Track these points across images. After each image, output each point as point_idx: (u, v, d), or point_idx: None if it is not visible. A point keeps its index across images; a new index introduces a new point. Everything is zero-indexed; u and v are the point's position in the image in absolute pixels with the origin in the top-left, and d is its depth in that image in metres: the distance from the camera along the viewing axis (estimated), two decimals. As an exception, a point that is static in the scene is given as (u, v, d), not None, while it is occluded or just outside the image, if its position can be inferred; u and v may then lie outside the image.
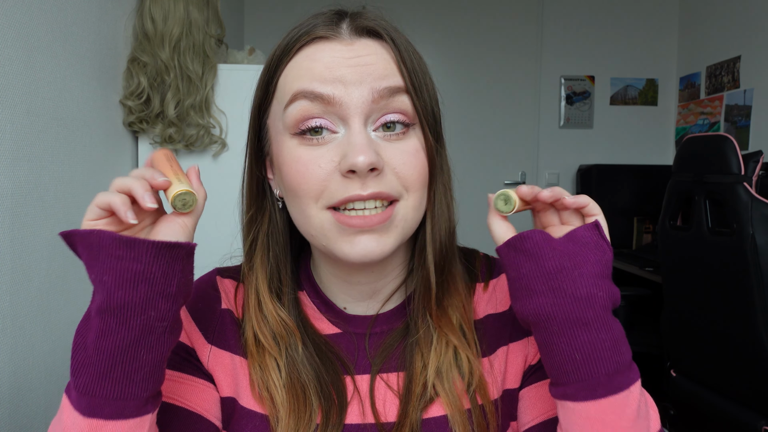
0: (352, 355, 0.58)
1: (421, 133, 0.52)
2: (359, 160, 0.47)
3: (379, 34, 0.52)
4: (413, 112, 0.51)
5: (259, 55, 1.79)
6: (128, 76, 1.45)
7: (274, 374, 0.55)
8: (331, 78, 0.49)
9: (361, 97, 0.49)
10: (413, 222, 0.53)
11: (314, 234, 0.52)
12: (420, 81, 0.52)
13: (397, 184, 0.50)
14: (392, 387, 0.56)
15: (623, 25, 3.40)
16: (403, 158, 0.50)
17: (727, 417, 1.64)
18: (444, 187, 0.55)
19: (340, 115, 0.49)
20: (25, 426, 1.03)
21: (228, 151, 1.57)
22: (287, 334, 0.56)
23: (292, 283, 0.59)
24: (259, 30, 3.19)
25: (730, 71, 2.89)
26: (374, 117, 0.50)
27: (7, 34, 0.97)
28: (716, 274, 1.62)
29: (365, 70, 0.50)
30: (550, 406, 0.55)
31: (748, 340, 1.52)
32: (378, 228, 0.49)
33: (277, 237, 0.59)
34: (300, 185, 0.50)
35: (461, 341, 0.55)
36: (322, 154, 0.49)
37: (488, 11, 3.36)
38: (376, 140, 0.50)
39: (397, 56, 0.51)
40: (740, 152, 1.55)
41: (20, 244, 1.02)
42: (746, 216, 1.49)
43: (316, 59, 0.50)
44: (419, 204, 0.52)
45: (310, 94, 0.49)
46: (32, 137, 1.05)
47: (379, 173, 0.49)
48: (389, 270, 0.58)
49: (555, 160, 3.44)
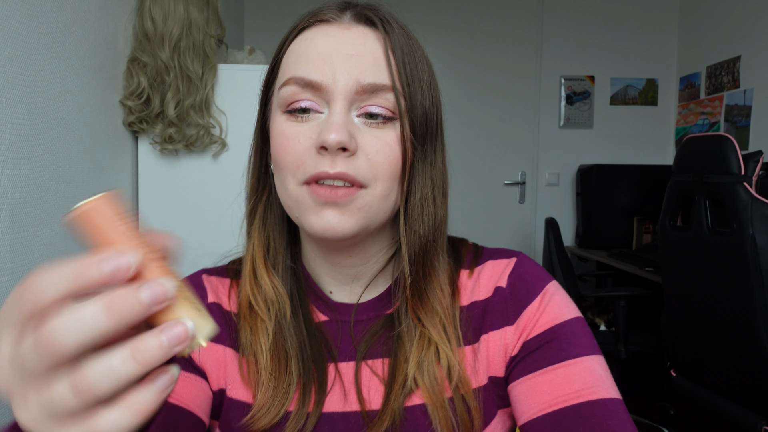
0: (338, 342, 0.59)
1: (400, 128, 0.53)
2: (330, 138, 0.48)
3: (375, 23, 0.53)
4: (396, 109, 0.52)
5: (259, 55, 1.79)
6: (128, 76, 1.45)
7: (262, 338, 0.56)
8: (323, 65, 0.51)
9: (346, 86, 0.51)
10: (379, 211, 0.53)
11: (290, 206, 0.54)
12: (411, 76, 0.53)
13: (367, 171, 0.51)
14: (377, 373, 0.57)
15: (623, 25, 3.40)
16: (377, 146, 0.51)
17: (727, 417, 1.64)
18: (432, 180, 0.56)
19: (326, 99, 0.52)
20: (25, 426, 1.03)
21: (228, 151, 1.57)
22: (278, 301, 0.58)
23: (288, 254, 0.61)
24: (259, 30, 3.19)
25: (730, 71, 2.89)
26: (357, 105, 0.52)
27: (7, 34, 0.97)
28: (716, 274, 1.62)
29: (354, 61, 0.51)
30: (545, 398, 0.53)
31: (748, 340, 1.52)
32: (342, 203, 0.50)
33: (274, 208, 0.60)
34: (281, 158, 0.52)
35: (441, 337, 0.56)
36: (304, 131, 0.52)
37: (488, 11, 3.36)
38: (357, 124, 0.52)
39: (387, 47, 0.52)
40: (740, 152, 1.56)
41: (20, 245, 1.02)
42: (746, 216, 1.49)
43: (312, 44, 0.53)
44: (386, 194, 0.53)
45: (300, 81, 0.52)
46: (32, 137, 1.05)
47: (351, 155, 0.50)
48: (371, 255, 0.59)
49: (555, 160, 3.44)
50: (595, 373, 0.52)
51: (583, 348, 0.54)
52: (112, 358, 0.25)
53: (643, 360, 2.46)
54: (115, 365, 0.24)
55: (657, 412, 2.34)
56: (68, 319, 0.24)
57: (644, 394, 2.55)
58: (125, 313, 0.25)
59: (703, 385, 1.77)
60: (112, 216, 0.27)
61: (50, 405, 0.25)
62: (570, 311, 0.57)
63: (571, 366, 0.53)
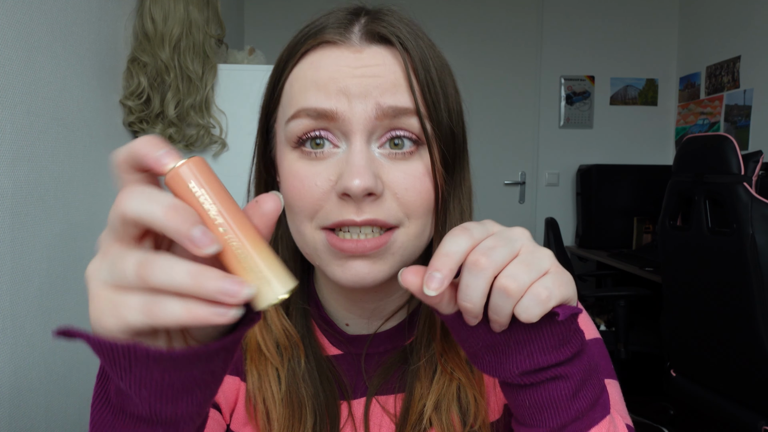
0: (353, 377, 0.55)
1: (428, 156, 0.47)
2: (354, 184, 0.43)
3: (392, 41, 0.47)
4: (422, 134, 0.47)
5: (259, 55, 1.79)
6: (128, 76, 1.45)
7: (273, 385, 0.52)
8: (335, 90, 0.45)
9: (364, 112, 0.45)
10: (414, 249, 0.49)
11: (308, 252, 0.49)
12: (436, 95, 0.47)
13: (397, 211, 0.46)
14: (389, 411, 0.54)
15: (623, 26, 3.40)
16: (406, 182, 0.46)
17: (727, 416, 1.64)
18: (462, 208, 0.51)
19: (342, 130, 0.46)
20: (25, 426, 1.03)
21: (228, 151, 1.57)
22: (291, 346, 0.53)
23: (301, 293, 0.56)
24: (259, 30, 3.19)
25: (730, 71, 2.89)
26: (378, 133, 0.46)
27: (7, 34, 0.97)
28: (716, 274, 1.62)
29: (371, 83, 0.45)
30: None
31: (748, 339, 1.53)
32: (372, 254, 0.46)
33: (285, 241, 0.55)
34: (296, 202, 0.47)
35: (468, 377, 0.52)
36: (320, 172, 0.46)
37: (488, 11, 3.36)
38: (379, 159, 0.46)
39: (408, 69, 0.46)
40: (740, 152, 1.56)
41: (20, 244, 1.02)
42: (746, 216, 1.49)
43: (320, 68, 0.47)
44: (421, 232, 0.48)
45: (312, 112, 0.46)
46: (32, 137, 1.05)
47: (377, 198, 0.45)
48: (394, 290, 0.55)
49: (555, 160, 3.44)
50: (611, 398, 0.49)
51: (601, 371, 0.50)
52: (177, 261, 0.28)
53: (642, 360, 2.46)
54: (175, 266, 0.28)
55: (657, 411, 2.35)
56: (138, 192, 0.28)
57: (644, 393, 2.55)
58: (180, 226, 0.28)
59: (702, 385, 1.77)
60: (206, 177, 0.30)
61: (114, 269, 0.29)
62: (589, 331, 0.54)
63: None
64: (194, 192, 0.29)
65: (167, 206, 0.28)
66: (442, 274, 0.36)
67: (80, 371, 1.25)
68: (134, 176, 0.30)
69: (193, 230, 0.27)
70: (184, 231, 0.27)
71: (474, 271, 0.36)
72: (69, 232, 1.19)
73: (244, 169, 0.60)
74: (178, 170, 0.29)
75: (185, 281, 0.27)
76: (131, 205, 0.28)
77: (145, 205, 0.28)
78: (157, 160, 0.29)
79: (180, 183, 0.29)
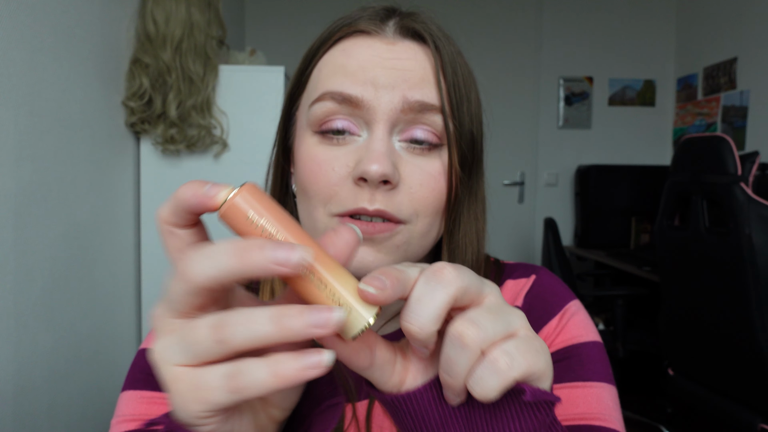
0: (357, 379, 0.53)
1: (447, 156, 0.47)
2: (372, 169, 0.42)
3: (424, 38, 0.48)
4: (444, 133, 0.47)
5: (260, 56, 1.79)
6: (130, 77, 1.46)
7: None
8: (363, 78, 0.45)
9: (390, 103, 0.45)
10: (418, 248, 0.48)
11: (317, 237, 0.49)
12: (460, 97, 0.48)
13: (407, 206, 0.46)
14: None
15: (621, 27, 3.42)
16: (420, 178, 0.46)
17: (724, 415, 1.66)
18: (475, 214, 0.51)
19: (365, 119, 0.46)
20: (28, 424, 1.04)
21: (229, 152, 1.57)
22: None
23: None
24: (260, 31, 3.20)
25: (727, 72, 2.91)
26: (401, 127, 0.46)
27: (10, 36, 0.98)
28: (713, 273, 1.64)
29: (401, 75, 0.45)
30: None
31: (745, 338, 1.54)
32: (378, 238, 0.45)
33: None
34: (311, 185, 0.46)
35: None
36: (338, 157, 0.46)
37: (486, 12, 3.38)
38: (399, 151, 0.46)
39: (438, 66, 0.47)
40: (737, 153, 1.57)
41: (24, 244, 1.02)
42: (743, 216, 1.51)
43: (351, 55, 0.47)
44: (427, 231, 0.48)
45: (338, 96, 0.45)
46: (35, 138, 1.06)
47: (392, 188, 0.45)
48: None
49: (554, 161, 3.45)
50: (603, 402, 0.49)
51: (595, 373, 0.50)
52: (253, 310, 0.25)
53: (640, 359, 2.47)
54: (252, 315, 0.25)
55: (654, 410, 2.36)
56: (201, 254, 0.26)
57: (642, 392, 2.56)
58: (258, 257, 0.25)
59: (700, 384, 1.78)
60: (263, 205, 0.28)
61: (186, 344, 0.26)
62: (588, 333, 0.53)
63: (579, 389, 0.49)
64: (254, 222, 0.27)
65: (235, 251, 0.25)
66: (387, 280, 0.28)
67: (83, 370, 1.26)
68: (183, 236, 0.28)
69: (270, 252, 0.25)
70: (265, 259, 0.25)
71: (425, 295, 0.29)
72: (72, 232, 1.20)
73: (245, 169, 0.61)
74: (233, 201, 0.27)
75: (269, 330, 0.25)
76: (198, 270, 0.25)
77: (214, 264, 0.25)
78: (205, 194, 0.27)
79: (238, 214, 0.27)
